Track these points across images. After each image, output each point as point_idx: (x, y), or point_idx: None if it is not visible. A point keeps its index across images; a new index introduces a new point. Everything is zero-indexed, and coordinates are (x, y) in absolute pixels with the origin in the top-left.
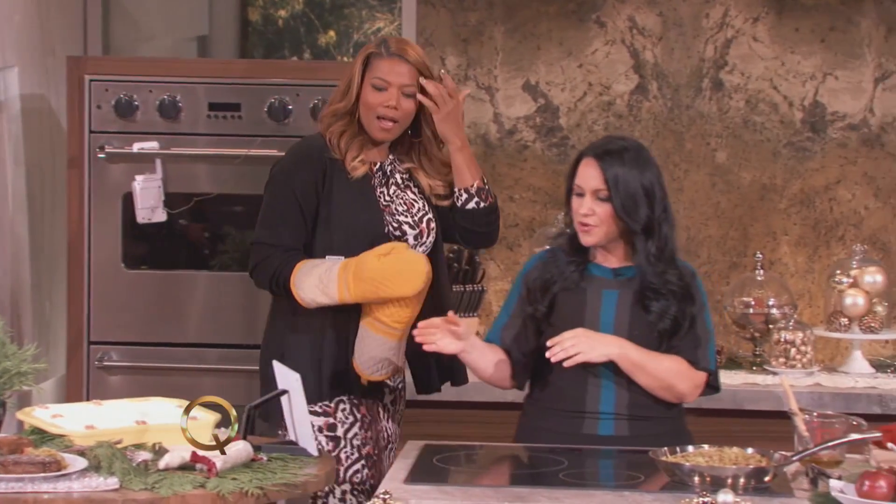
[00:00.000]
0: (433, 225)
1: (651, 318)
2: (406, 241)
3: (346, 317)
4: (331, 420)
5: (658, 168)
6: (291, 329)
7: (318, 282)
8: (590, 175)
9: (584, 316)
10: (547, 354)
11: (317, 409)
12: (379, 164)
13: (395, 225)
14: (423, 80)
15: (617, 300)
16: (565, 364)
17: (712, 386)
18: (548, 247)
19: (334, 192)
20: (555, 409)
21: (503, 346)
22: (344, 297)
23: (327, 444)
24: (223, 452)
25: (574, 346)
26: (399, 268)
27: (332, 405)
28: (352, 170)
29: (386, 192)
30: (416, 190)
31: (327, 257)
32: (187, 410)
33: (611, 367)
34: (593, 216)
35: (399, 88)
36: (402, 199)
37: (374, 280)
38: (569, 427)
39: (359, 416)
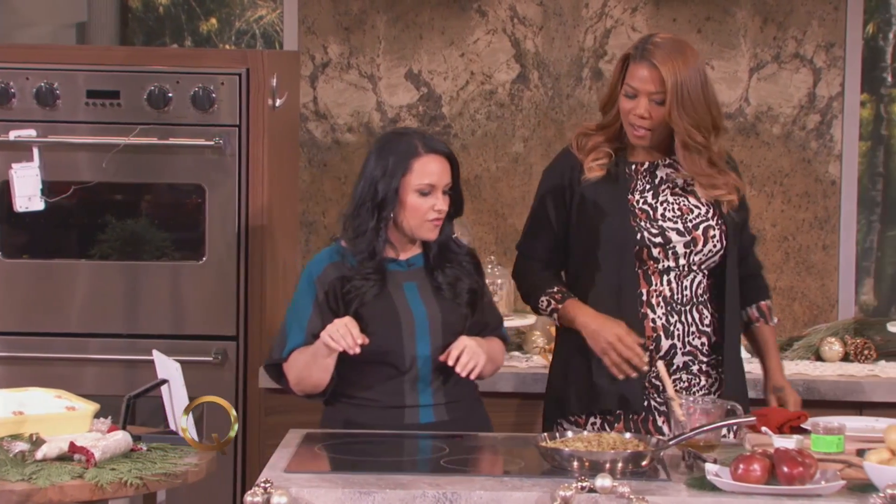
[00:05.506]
0: (715, 233)
1: (448, 296)
2: (672, 248)
3: None
4: None
5: None
6: (576, 349)
7: None
8: None
9: (400, 316)
10: (458, 369)
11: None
12: (648, 163)
13: (656, 231)
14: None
15: (418, 290)
16: (472, 376)
17: None
18: (333, 244)
19: (584, 197)
20: (373, 407)
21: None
22: None
23: None
24: (224, 453)
25: (472, 358)
26: None
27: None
28: (588, 171)
29: (649, 196)
30: (699, 195)
31: None
32: (187, 411)
33: (423, 363)
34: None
35: (647, 96)
36: (676, 203)
37: None
38: (390, 420)
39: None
